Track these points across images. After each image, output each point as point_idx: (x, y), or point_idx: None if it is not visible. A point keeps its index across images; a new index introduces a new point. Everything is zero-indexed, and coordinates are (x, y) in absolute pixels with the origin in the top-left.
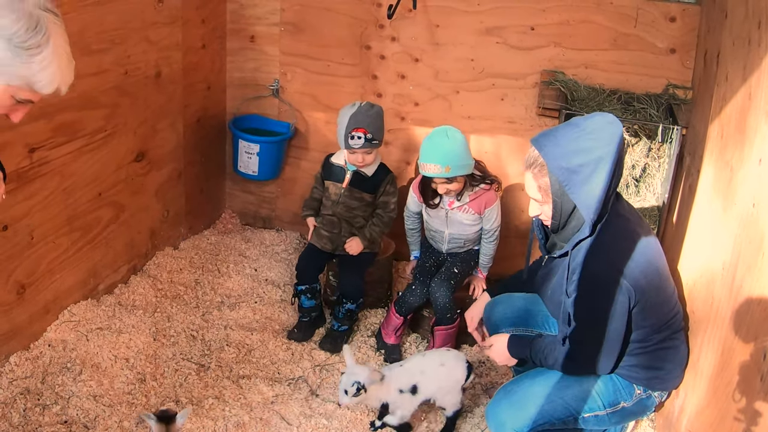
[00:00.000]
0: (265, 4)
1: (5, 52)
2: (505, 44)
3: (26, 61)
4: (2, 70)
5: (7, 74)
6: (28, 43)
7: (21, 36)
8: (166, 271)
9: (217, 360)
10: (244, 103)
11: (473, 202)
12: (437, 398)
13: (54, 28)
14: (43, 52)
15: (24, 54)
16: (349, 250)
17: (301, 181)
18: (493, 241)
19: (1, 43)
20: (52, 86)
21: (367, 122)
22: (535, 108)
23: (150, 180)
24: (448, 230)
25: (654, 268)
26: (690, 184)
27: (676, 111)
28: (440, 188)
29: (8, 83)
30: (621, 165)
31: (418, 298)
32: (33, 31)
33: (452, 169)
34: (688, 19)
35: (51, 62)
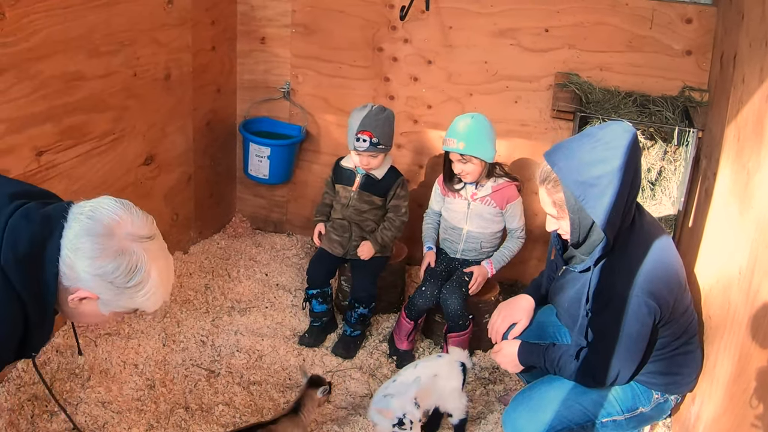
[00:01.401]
0: (276, 6)
1: (109, 292)
2: (519, 46)
3: (131, 297)
4: (109, 303)
5: (114, 306)
6: (130, 284)
7: (123, 278)
8: (176, 275)
9: (227, 366)
10: (255, 106)
11: (496, 194)
12: (440, 405)
13: (152, 255)
14: (147, 286)
15: (128, 291)
16: (361, 255)
17: (312, 185)
18: (520, 239)
19: (106, 285)
20: (157, 306)
21: (374, 126)
22: (550, 111)
23: (159, 184)
24: (467, 226)
25: (677, 281)
26: (706, 188)
27: (692, 114)
28: (455, 167)
29: (115, 311)
30: (639, 174)
31: (427, 300)
32: (133, 271)
33: (467, 145)
34: (704, 21)
35: (156, 290)
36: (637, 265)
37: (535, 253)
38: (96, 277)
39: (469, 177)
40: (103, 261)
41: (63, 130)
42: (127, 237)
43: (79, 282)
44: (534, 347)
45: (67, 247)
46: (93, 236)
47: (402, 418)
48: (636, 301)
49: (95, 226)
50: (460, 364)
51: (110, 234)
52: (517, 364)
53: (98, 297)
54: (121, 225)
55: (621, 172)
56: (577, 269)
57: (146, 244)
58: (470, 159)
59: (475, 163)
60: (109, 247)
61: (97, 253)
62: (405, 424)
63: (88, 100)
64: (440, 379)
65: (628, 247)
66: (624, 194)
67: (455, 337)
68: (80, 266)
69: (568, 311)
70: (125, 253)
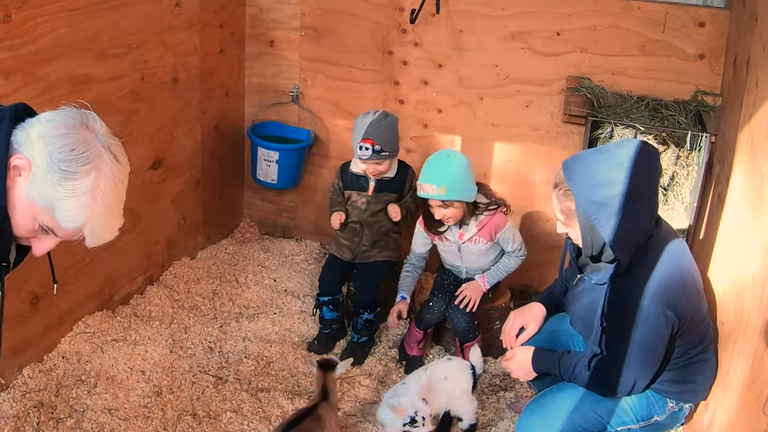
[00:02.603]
0: (285, 9)
1: (43, 164)
2: (530, 50)
3: (56, 182)
4: (35, 182)
5: (37, 189)
6: (64, 164)
7: (62, 155)
8: (183, 281)
9: (235, 373)
10: (263, 110)
11: (482, 231)
12: (451, 409)
13: (105, 170)
14: (77, 181)
15: (57, 173)
16: (392, 213)
17: (321, 190)
18: (517, 257)
19: (44, 153)
20: (74, 222)
21: (376, 133)
22: (561, 115)
23: (167, 188)
24: (464, 264)
25: (694, 289)
26: (719, 193)
27: (705, 118)
28: (436, 213)
29: (34, 199)
30: (656, 195)
31: (435, 316)
32: (78, 155)
33: (448, 191)
34: (717, 24)
35: (81, 196)
36: (654, 275)
37: (547, 258)
38: (40, 137)
39: (451, 221)
40: (58, 128)
41: None
42: (96, 135)
43: (21, 145)
44: (548, 354)
45: (27, 127)
46: (64, 115)
47: (414, 416)
48: (654, 312)
49: (70, 111)
50: (470, 367)
51: (81, 122)
52: (530, 372)
53: (30, 165)
54: (95, 124)
55: (635, 196)
56: (592, 280)
57: (109, 159)
58: (452, 203)
59: (457, 207)
60: (72, 124)
61: (58, 122)
62: (417, 421)
63: (95, 104)
64: (450, 382)
65: (645, 258)
66: (637, 216)
67: (470, 346)
68: (35, 131)
69: (584, 320)
70: (85, 141)
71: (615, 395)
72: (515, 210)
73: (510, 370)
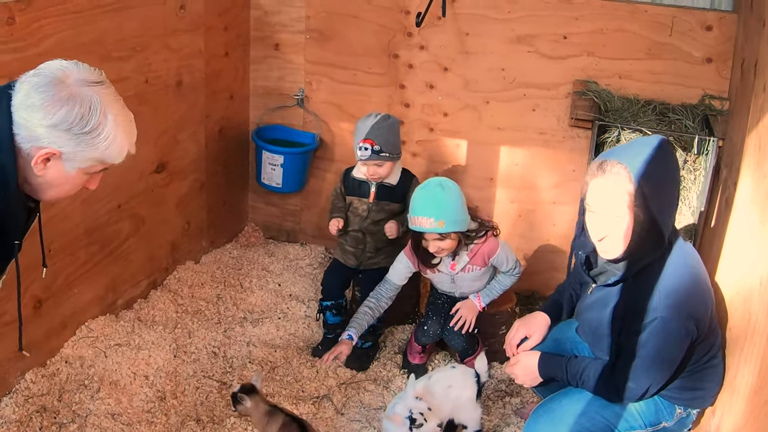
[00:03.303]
0: (290, 12)
1: (69, 142)
2: (537, 53)
3: (91, 144)
4: (72, 158)
5: (78, 160)
6: (87, 128)
7: (78, 123)
8: (187, 285)
9: (239, 378)
10: (268, 113)
11: (475, 258)
12: (455, 417)
13: (105, 98)
14: (105, 130)
15: (87, 138)
16: (388, 232)
17: (326, 194)
18: (513, 275)
19: (64, 135)
20: (122, 154)
21: (375, 134)
22: (568, 119)
23: (171, 192)
24: (459, 291)
25: (711, 299)
26: (726, 198)
27: (712, 122)
28: (431, 246)
29: (80, 167)
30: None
31: (430, 338)
32: (88, 114)
33: (446, 224)
34: (724, 28)
35: (115, 135)
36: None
37: (553, 263)
38: (52, 128)
39: (445, 252)
40: (55, 107)
41: None
42: (76, 83)
43: (38, 141)
44: (555, 358)
45: (19, 110)
46: (42, 87)
47: (411, 416)
48: (676, 324)
49: (42, 79)
50: (475, 374)
51: (59, 82)
52: (536, 377)
53: (60, 152)
54: (68, 74)
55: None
56: (610, 281)
57: (97, 87)
58: (449, 235)
59: (453, 238)
60: (59, 93)
61: (47, 101)
62: (416, 419)
63: None
64: (454, 390)
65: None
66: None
67: (471, 360)
68: (35, 121)
69: (595, 330)
70: (76, 96)
71: (623, 401)
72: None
73: (514, 375)
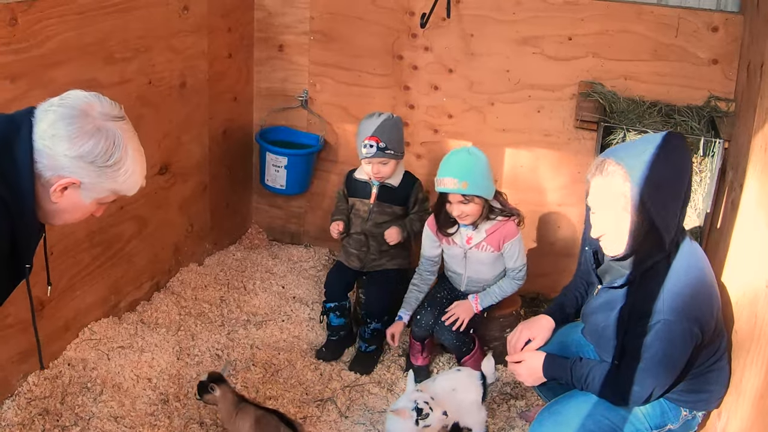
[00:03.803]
0: (294, 13)
1: (91, 173)
2: (542, 54)
3: (112, 177)
4: (90, 188)
5: (95, 191)
6: (110, 161)
7: (103, 156)
8: (191, 288)
9: (242, 380)
10: (272, 115)
11: (491, 237)
12: (459, 420)
13: (126, 133)
14: (125, 164)
15: (108, 171)
16: (389, 239)
17: (330, 196)
18: (517, 280)
19: (87, 167)
20: (137, 187)
21: (380, 131)
22: (573, 120)
23: (174, 194)
24: (467, 273)
25: (717, 302)
26: (732, 199)
27: (718, 124)
28: (455, 209)
29: (96, 197)
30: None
31: (422, 330)
32: (112, 148)
33: (470, 185)
34: (731, 29)
35: (134, 169)
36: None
37: (558, 266)
38: (77, 158)
39: (468, 219)
40: (82, 140)
41: None
42: (100, 116)
43: (60, 170)
44: (560, 360)
45: (42, 138)
46: (68, 119)
47: (416, 406)
48: (681, 328)
49: (68, 110)
50: (480, 376)
51: (85, 115)
52: (539, 377)
53: (80, 182)
54: (92, 106)
55: (682, 180)
56: (616, 283)
57: (119, 123)
58: (472, 199)
59: (477, 203)
60: (85, 126)
61: (75, 133)
62: (423, 408)
63: None
64: (459, 393)
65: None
66: (680, 204)
67: (469, 360)
68: (60, 151)
69: (602, 333)
70: (102, 130)
71: (627, 405)
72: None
73: (518, 374)
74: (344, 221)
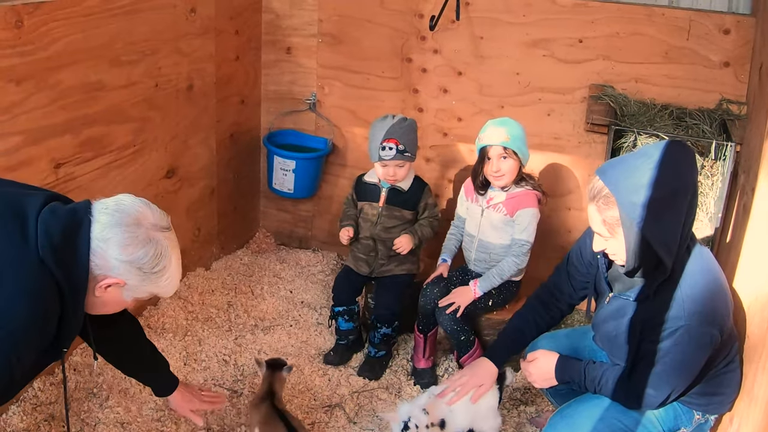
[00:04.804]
0: (303, 15)
1: (136, 277)
2: (552, 57)
3: (155, 282)
4: (133, 289)
5: (138, 292)
6: (156, 269)
7: (149, 264)
8: (198, 292)
9: (250, 386)
10: (280, 118)
11: (509, 201)
12: (474, 427)
13: (171, 243)
14: (168, 272)
15: (153, 277)
16: (400, 248)
17: (338, 200)
18: (516, 257)
19: (134, 271)
20: (173, 291)
21: (399, 133)
22: (583, 124)
23: (181, 197)
24: (479, 235)
25: (730, 301)
26: (744, 203)
27: (730, 127)
28: (494, 164)
29: (135, 296)
30: (697, 197)
31: (428, 299)
32: (159, 258)
33: (512, 140)
34: (742, 32)
35: (175, 276)
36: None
37: None
38: (126, 263)
39: (504, 178)
40: (134, 249)
41: (82, 142)
42: (151, 227)
43: (109, 270)
44: (573, 362)
45: (97, 239)
46: (122, 226)
47: (407, 422)
48: (699, 332)
49: (123, 217)
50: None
51: (137, 224)
52: (550, 378)
53: (125, 283)
54: (145, 216)
55: (679, 195)
56: (630, 298)
57: (166, 233)
58: (512, 155)
59: (514, 162)
60: (137, 235)
61: (127, 241)
62: (410, 428)
63: (109, 111)
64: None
65: (684, 272)
66: (682, 218)
67: (467, 359)
68: (112, 254)
69: (614, 340)
70: (152, 241)
71: (641, 408)
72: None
73: (528, 373)
74: (353, 227)
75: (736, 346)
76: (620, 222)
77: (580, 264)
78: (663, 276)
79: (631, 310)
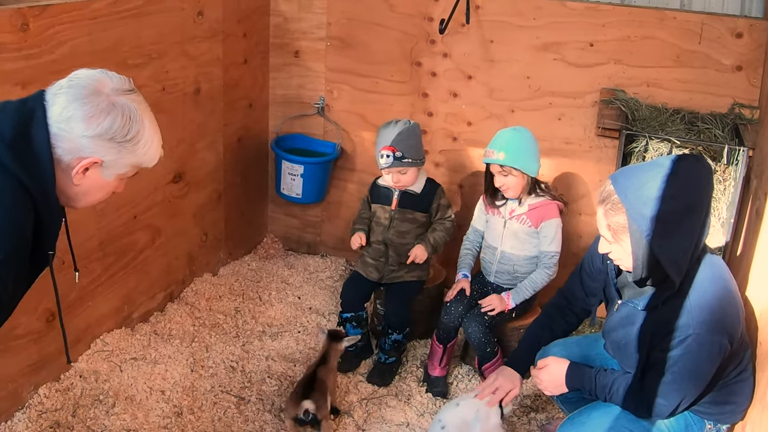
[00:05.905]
0: (311, 18)
1: (111, 150)
2: (563, 61)
3: (132, 151)
4: (112, 165)
5: (118, 167)
6: (129, 136)
7: (121, 132)
8: (205, 298)
9: (257, 393)
10: (288, 122)
11: (532, 212)
12: None
13: (139, 105)
14: (144, 136)
15: (128, 145)
16: (415, 258)
17: (347, 205)
18: (548, 268)
19: (106, 144)
20: (156, 157)
21: (397, 140)
22: (594, 128)
23: (188, 202)
24: (501, 247)
25: (741, 310)
26: (757, 208)
27: (742, 131)
28: (496, 180)
29: (117, 173)
30: (710, 213)
31: (452, 317)
32: (129, 122)
33: (506, 156)
34: (755, 35)
35: (152, 140)
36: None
37: None
38: (95, 138)
39: (510, 192)
40: (99, 119)
41: None
42: (113, 92)
43: (80, 151)
44: (584, 370)
45: (57, 121)
46: (80, 99)
47: None
48: (709, 340)
49: (80, 90)
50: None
51: (96, 93)
52: (560, 385)
53: (102, 160)
54: (103, 83)
55: (693, 210)
56: (639, 306)
57: (131, 95)
58: (510, 171)
59: (516, 176)
60: (98, 104)
61: (89, 113)
62: None
63: None
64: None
65: (691, 279)
66: (694, 235)
67: (489, 368)
68: (77, 132)
69: (624, 348)
70: (117, 106)
71: (651, 417)
72: None
73: (539, 380)
74: (365, 233)
75: (748, 354)
76: (627, 230)
77: (591, 270)
78: (671, 290)
79: (640, 319)
